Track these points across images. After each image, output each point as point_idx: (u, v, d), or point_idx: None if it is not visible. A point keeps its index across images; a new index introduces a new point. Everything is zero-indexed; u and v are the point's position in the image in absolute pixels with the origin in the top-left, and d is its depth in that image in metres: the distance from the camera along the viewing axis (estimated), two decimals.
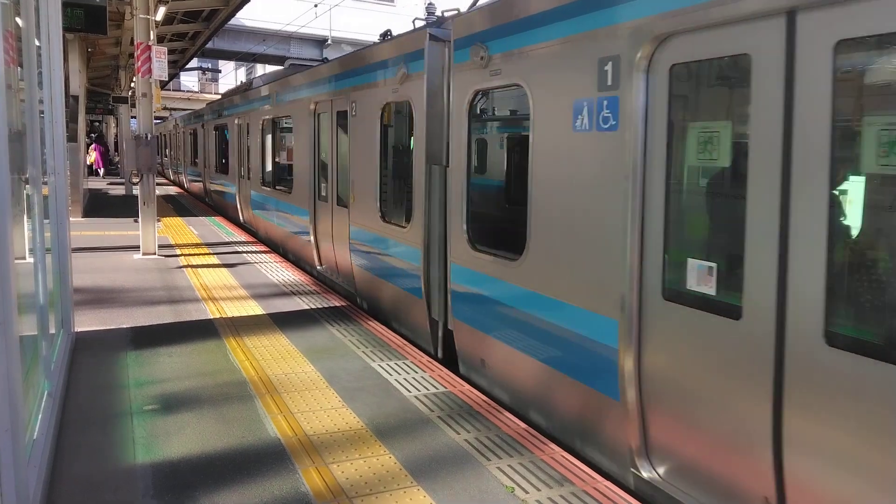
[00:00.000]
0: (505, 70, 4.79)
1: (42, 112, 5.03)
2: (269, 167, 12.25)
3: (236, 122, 14.48)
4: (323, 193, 9.29)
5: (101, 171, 32.09)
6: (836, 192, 2.74)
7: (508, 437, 4.20)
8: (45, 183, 5.02)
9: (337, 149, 8.60)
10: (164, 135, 33.32)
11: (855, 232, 2.86)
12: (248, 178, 13.51)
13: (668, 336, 3.48)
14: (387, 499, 3.44)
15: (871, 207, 2.80)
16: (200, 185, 20.81)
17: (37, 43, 4.81)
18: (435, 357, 6.14)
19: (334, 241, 8.71)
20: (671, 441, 3.52)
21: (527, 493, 3.54)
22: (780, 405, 2.90)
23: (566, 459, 3.94)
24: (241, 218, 14.75)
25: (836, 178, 2.71)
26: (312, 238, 9.60)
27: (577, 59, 4.05)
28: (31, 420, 3.61)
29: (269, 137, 12.16)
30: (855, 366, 2.60)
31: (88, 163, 30.90)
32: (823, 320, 2.71)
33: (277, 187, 11.49)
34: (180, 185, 27.06)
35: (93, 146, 32.60)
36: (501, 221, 6.02)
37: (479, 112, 6.51)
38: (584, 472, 3.80)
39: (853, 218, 2.84)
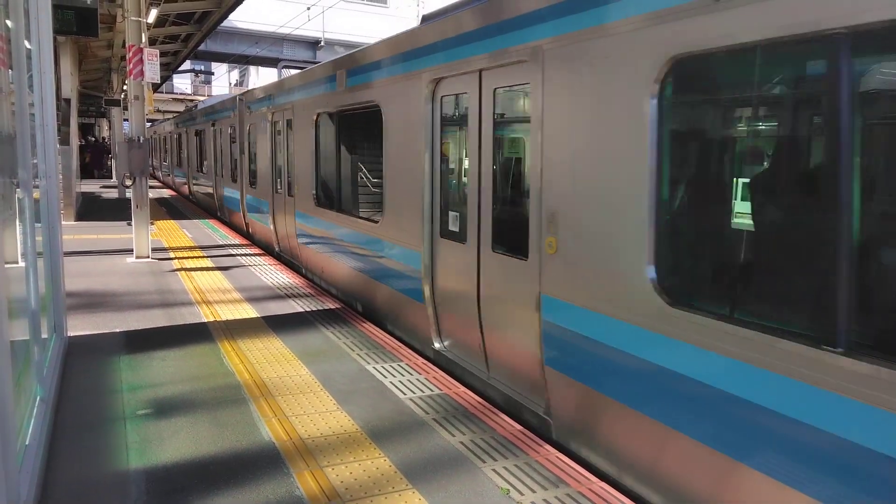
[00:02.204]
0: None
1: (33, 115, 5.01)
2: (332, 180, 8.89)
3: (271, 116, 11.02)
4: (454, 228, 5.67)
5: (96, 173, 32.07)
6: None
7: (503, 439, 4.20)
8: (37, 186, 4.99)
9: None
10: (162, 136, 30.68)
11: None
12: (290, 195, 10.11)
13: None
14: (382, 502, 3.43)
15: None
16: (210, 195, 17.69)
17: (27, 45, 4.79)
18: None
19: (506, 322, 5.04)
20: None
21: (522, 494, 3.54)
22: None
23: (561, 461, 3.93)
24: (276, 247, 11.36)
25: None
26: (430, 306, 5.99)
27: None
28: (23, 426, 3.59)
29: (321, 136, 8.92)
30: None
31: (86, 161, 30.89)
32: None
33: (348, 210, 8.37)
34: (184, 193, 23.84)
35: (88, 151, 32.55)
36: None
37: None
38: (579, 473, 3.79)
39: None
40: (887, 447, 2.52)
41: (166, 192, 25.58)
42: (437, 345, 5.99)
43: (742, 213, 3.43)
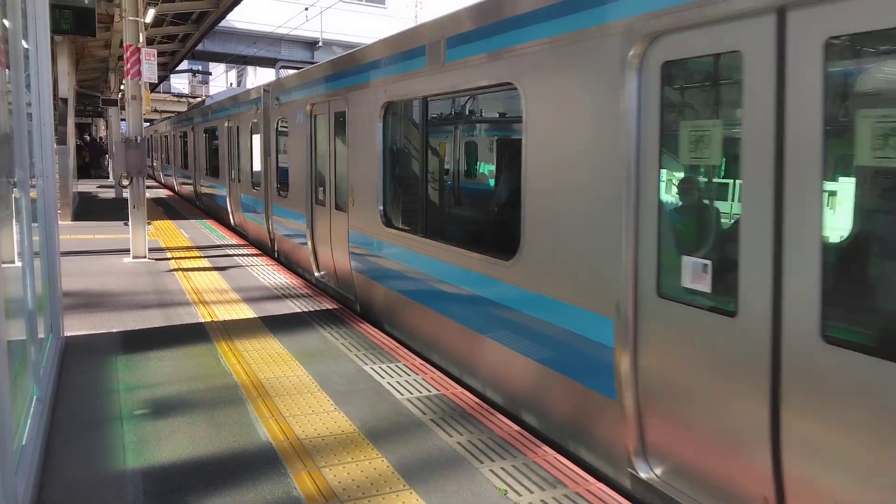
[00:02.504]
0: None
1: (30, 115, 4.99)
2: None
3: (310, 109, 9.18)
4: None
5: (93, 172, 32.05)
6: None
7: (501, 440, 4.20)
8: (34, 186, 4.98)
9: None
10: (163, 135, 28.57)
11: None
12: (338, 208, 8.32)
13: None
14: (379, 502, 3.43)
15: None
16: (221, 202, 15.65)
17: (24, 45, 4.78)
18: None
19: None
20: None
21: (520, 495, 3.54)
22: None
23: (559, 461, 3.93)
24: (314, 272, 9.35)
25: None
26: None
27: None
28: (19, 426, 3.58)
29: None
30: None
31: (85, 160, 30.88)
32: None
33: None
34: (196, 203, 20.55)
35: (86, 150, 32.54)
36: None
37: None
38: (577, 474, 3.79)
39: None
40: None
41: (164, 193, 25.55)
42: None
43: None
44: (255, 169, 12.39)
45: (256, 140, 12.12)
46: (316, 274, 9.26)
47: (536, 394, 4.58)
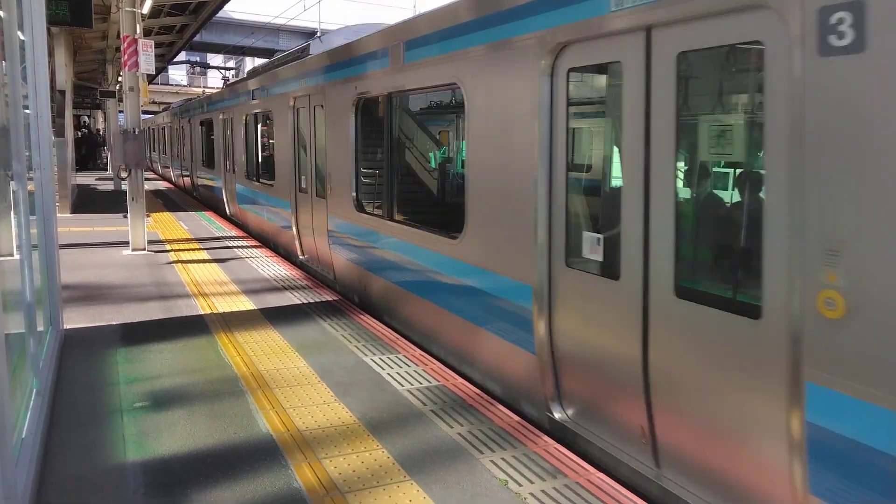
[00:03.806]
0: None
1: (27, 107, 4.97)
2: None
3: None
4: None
5: (90, 164, 32.03)
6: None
7: (501, 430, 4.20)
8: (31, 179, 4.96)
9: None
10: (162, 127, 27.48)
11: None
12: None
13: None
14: (380, 493, 3.43)
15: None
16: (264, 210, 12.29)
17: (21, 36, 4.74)
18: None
19: None
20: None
21: (520, 485, 3.54)
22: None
23: (559, 451, 3.93)
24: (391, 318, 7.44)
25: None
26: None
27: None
28: (18, 419, 3.57)
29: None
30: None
31: (83, 152, 30.84)
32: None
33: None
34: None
35: (84, 142, 32.49)
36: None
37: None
38: (577, 464, 3.79)
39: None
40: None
41: (162, 185, 25.51)
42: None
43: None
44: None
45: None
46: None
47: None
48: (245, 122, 12.62)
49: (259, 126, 12.22)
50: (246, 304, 7.26)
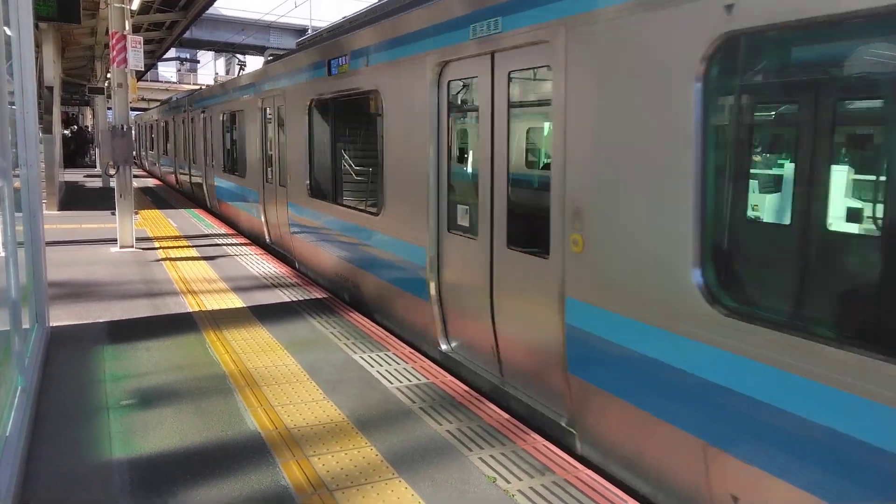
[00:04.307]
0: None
1: (13, 103, 4.91)
2: None
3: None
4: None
5: (79, 161, 31.83)
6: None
7: (490, 428, 4.20)
8: (17, 175, 4.91)
9: None
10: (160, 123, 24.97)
11: None
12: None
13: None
14: (368, 491, 3.42)
15: None
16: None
17: (7, 32, 4.70)
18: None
19: None
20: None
21: (509, 483, 3.54)
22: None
23: (548, 449, 3.94)
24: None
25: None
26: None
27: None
28: (3, 416, 3.54)
29: None
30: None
31: (71, 149, 30.64)
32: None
33: None
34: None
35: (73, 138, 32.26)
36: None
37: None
38: (565, 461, 3.80)
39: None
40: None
41: (151, 182, 25.36)
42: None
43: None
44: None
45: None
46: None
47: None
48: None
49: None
50: (235, 301, 7.23)
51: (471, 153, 5.64)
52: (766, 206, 4.74)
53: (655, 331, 3.41)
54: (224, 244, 11.08)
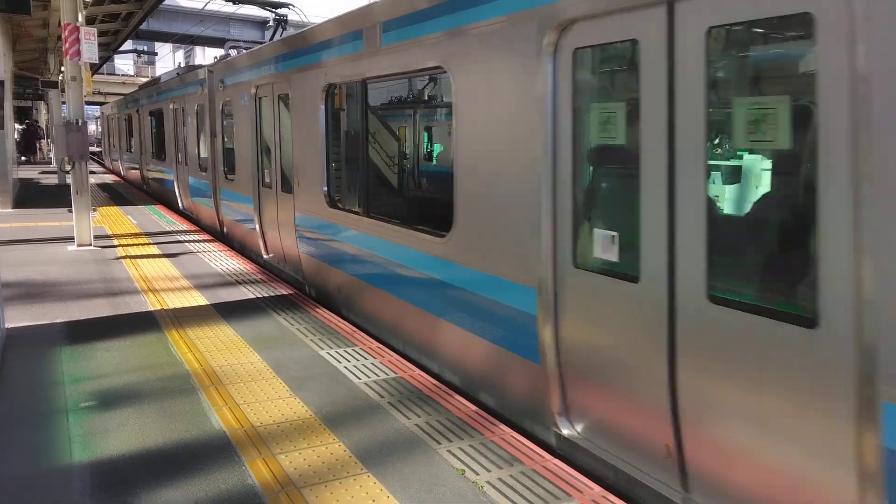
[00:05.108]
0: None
1: None
2: None
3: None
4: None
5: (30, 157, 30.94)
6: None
7: (458, 420, 4.20)
8: None
9: None
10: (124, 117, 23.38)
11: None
12: None
13: None
14: (336, 487, 3.40)
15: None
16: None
17: None
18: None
19: None
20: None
21: (477, 474, 3.55)
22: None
23: (515, 440, 3.96)
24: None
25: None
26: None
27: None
28: None
29: None
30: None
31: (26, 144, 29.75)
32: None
33: None
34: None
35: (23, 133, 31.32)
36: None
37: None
38: (533, 451, 3.82)
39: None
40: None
41: (109, 178, 24.77)
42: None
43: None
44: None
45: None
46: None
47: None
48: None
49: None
50: (198, 299, 7.11)
51: (618, 151, 3.72)
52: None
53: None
54: (186, 241, 10.88)
